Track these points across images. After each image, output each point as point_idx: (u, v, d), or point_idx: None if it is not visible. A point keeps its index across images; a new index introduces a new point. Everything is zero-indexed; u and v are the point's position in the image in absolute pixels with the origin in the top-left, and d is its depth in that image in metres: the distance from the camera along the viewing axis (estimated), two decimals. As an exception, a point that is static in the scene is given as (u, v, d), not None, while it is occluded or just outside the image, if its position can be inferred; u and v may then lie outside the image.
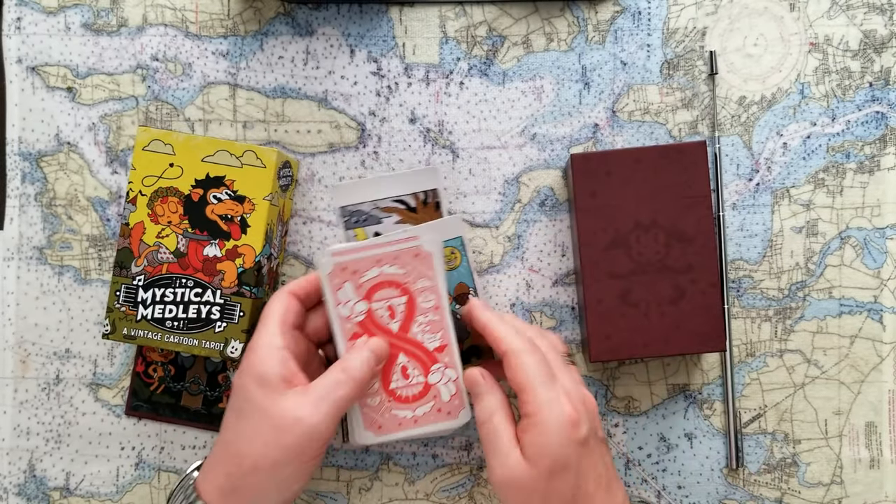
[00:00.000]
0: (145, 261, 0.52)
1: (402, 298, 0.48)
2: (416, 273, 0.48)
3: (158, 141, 0.52)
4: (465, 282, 0.49)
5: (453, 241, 0.49)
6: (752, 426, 0.56)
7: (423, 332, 0.49)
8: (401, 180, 0.48)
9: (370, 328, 0.48)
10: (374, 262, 0.48)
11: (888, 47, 0.56)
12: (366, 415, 0.49)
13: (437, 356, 0.49)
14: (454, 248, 0.49)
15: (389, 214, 0.49)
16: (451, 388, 0.49)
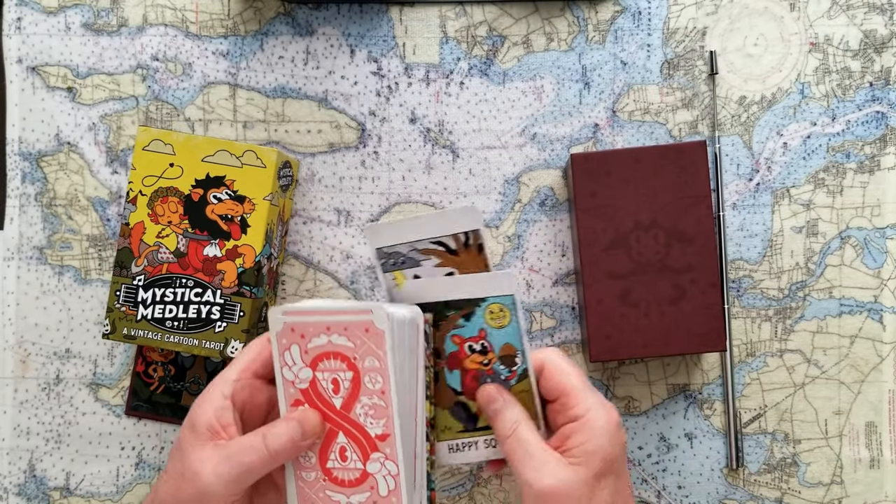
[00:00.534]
0: (145, 261, 0.52)
1: (349, 374, 0.43)
2: (365, 349, 0.43)
3: (158, 141, 0.52)
4: (513, 343, 0.44)
5: (504, 298, 0.44)
6: (753, 426, 0.56)
7: (366, 415, 0.43)
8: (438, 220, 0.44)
9: (312, 398, 0.44)
10: (324, 328, 0.43)
11: (888, 47, 0.56)
12: (300, 489, 0.44)
13: (378, 444, 0.43)
14: (503, 306, 0.44)
15: (428, 257, 0.45)
16: (391, 483, 0.43)
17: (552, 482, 0.40)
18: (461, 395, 0.46)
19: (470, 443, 0.46)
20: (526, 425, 0.43)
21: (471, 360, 0.45)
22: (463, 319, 0.44)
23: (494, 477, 0.56)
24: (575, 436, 0.42)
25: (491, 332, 0.44)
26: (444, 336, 0.45)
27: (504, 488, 0.56)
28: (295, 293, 0.57)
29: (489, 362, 0.45)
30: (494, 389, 0.45)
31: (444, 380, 0.45)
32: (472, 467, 0.56)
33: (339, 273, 0.57)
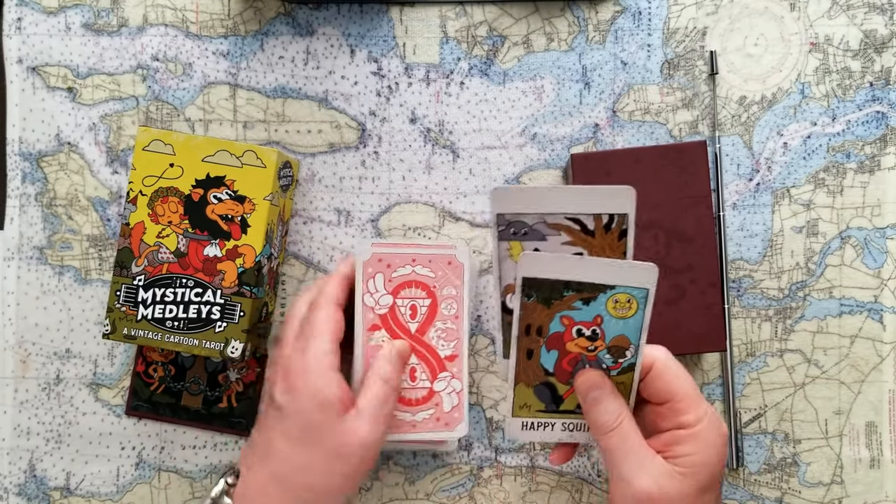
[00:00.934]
0: (145, 261, 0.52)
1: (427, 301, 0.49)
2: (445, 280, 0.49)
3: (159, 141, 0.52)
4: (630, 336, 0.41)
5: (637, 290, 0.40)
6: (753, 426, 0.56)
7: (439, 338, 0.49)
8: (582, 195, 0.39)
9: (389, 323, 0.48)
10: (410, 259, 0.48)
11: (888, 47, 0.56)
12: None
13: (446, 364, 0.49)
14: (632, 297, 0.40)
15: (557, 232, 0.40)
16: (454, 399, 0.49)
17: (653, 486, 0.39)
18: (551, 375, 0.44)
19: (547, 423, 0.45)
20: (630, 420, 0.41)
21: (576, 343, 0.42)
22: (581, 302, 0.41)
23: (494, 477, 0.56)
24: (684, 444, 0.40)
25: (608, 321, 0.41)
26: (552, 314, 0.41)
27: (504, 488, 0.56)
28: (295, 293, 0.57)
29: (595, 349, 0.42)
30: (599, 376, 0.42)
31: (538, 357, 0.43)
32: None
33: (340, 273, 0.57)
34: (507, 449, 0.56)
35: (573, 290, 0.40)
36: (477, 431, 0.56)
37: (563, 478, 0.56)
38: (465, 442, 0.56)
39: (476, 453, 0.56)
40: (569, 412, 0.44)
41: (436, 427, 0.49)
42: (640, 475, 0.39)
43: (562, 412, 0.44)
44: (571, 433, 0.45)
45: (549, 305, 0.41)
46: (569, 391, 0.44)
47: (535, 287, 0.40)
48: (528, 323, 0.42)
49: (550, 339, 0.42)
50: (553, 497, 0.56)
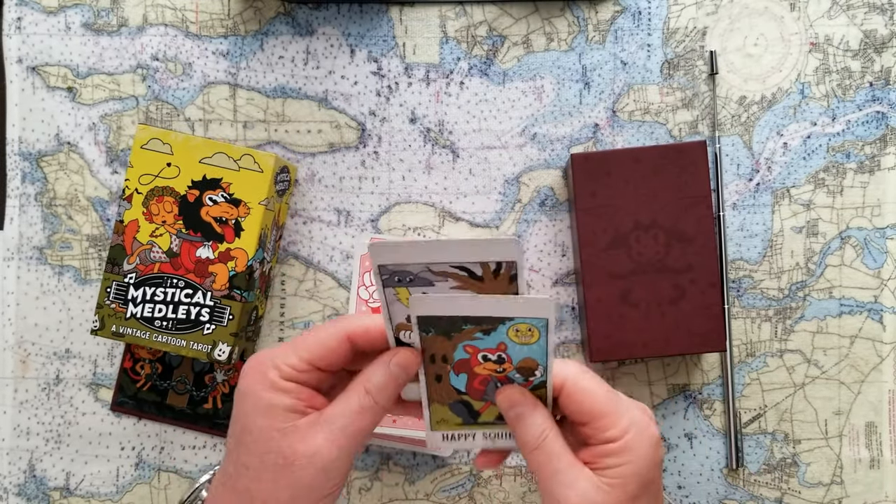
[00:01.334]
0: (137, 259, 0.52)
1: None
2: None
3: (157, 140, 0.52)
4: (537, 359, 0.40)
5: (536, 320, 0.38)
6: (752, 426, 0.56)
7: None
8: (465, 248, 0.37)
9: None
10: None
11: (888, 47, 0.56)
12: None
13: None
14: (533, 327, 0.39)
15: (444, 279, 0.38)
16: None
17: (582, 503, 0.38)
18: (464, 394, 0.43)
19: (468, 434, 0.44)
20: (554, 435, 0.39)
21: (483, 367, 0.41)
22: (481, 333, 0.40)
23: (494, 477, 0.56)
24: (612, 457, 0.38)
25: (512, 346, 0.40)
26: (454, 345, 0.40)
27: (504, 488, 0.56)
28: (295, 293, 0.57)
29: (504, 370, 0.41)
30: (518, 393, 0.40)
31: (448, 380, 0.42)
32: (473, 468, 0.56)
33: (339, 273, 0.57)
34: (507, 449, 0.56)
35: (472, 324, 0.39)
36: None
37: (563, 478, 0.56)
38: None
39: (476, 453, 0.56)
40: (488, 423, 0.43)
41: (417, 426, 0.49)
42: (568, 493, 0.38)
43: (481, 423, 0.43)
44: (494, 441, 0.43)
45: (450, 338, 0.40)
46: (485, 406, 0.42)
47: (431, 323, 0.39)
48: (431, 353, 0.40)
49: (457, 364, 0.41)
50: (553, 497, 0.56)
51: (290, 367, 0.38)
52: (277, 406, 0.37)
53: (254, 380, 0.38)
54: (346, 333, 0.39)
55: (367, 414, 0.38)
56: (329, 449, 0.37)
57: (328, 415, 0.38)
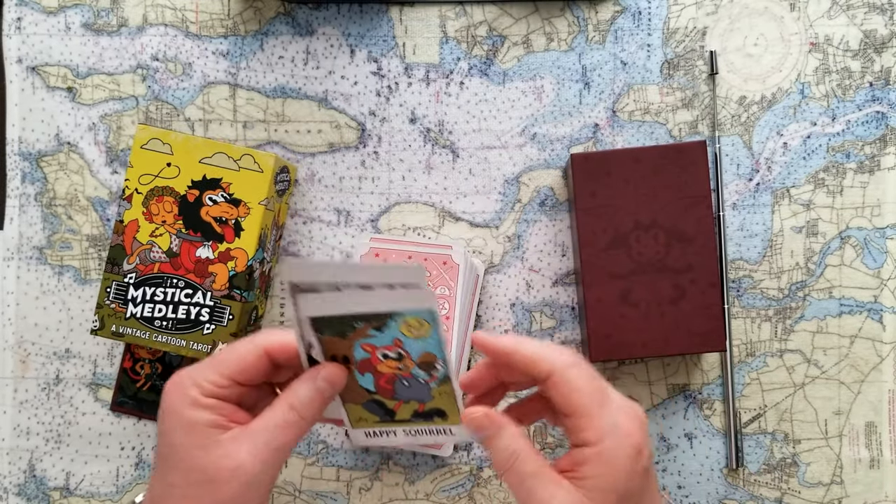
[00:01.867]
0: (137, 259, 0.52)
1: None
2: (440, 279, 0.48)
3: (157, 140, 0.52)
4: (434, 352, 0.39)
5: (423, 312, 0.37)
6: (752, 426, 0.56)
7: None
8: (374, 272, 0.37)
9: None
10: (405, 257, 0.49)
11: (888, 47, 0.56)
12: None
13: None
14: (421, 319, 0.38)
15: None
16: None
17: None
18: (374, 394, 0.42)
19: (388, 431, 0.43)
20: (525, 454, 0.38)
21: (385, 364, 0.40)
22: (374, 330, 0.39)
23: (494, 477, 0.56)
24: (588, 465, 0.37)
25: (407, 342, 0.39)
26: (351, 344, 0.40)
27: (504, 488, 0.56)
28: (295, 293, 0.57)
29: (406, 367, 0.40)
30: (482, 415, 0.39)
31: (356, 381, 0.41)
32: (472, 468, 0.56)
33: (339, 273, 0.57)
34: (507, 449, 0.56)
35: (362, 322, 0.38)
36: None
37: (563, 478, 0.56)
38: (464, 443, 0.56)
39: (476, 453, 0.56)
40: (405, 421, 0.42)
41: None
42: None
43: (398, 421, 0.42)
44: (417, 437, 0.42)
45: (345, 337, 0.39)
46: (398, 404, 0.42)
47: (324, 325, 0.38)
48: (332, 354, 0.40)
49: (360, 364, 0.40)
50: (553, 497, 0.56)
51: (210, 383, 0.37)
52: (198, 423, 0.37)
53: (175, 398, 0.37)
54: (264, 348, 0.38)
55: (292, 429, 0.38)
56: (252, 463, 0.36)
57: (252, 429, 0.37)
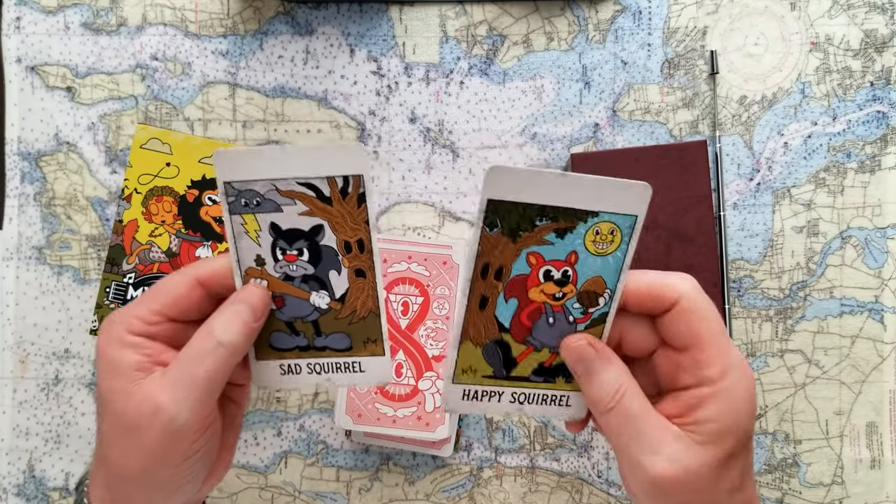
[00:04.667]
0: (137, 259, 0.52)
1: (419, 299, 0.49)
2: (440, 279, 0.49)
3: (156, 139, 0.52)
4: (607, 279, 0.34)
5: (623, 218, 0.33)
6: (753, 426, 0.56)
7: (428, 337, 0.49)
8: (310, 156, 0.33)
9: None
10: (405, 256, 0.49)
11: (889, 46, 0.56)
12: (350, 399, 0.49)
13: (433, 364, 0.49)
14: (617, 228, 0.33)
15: (292, 201, 0.35)
16: (437, 400, 0.49)
17: (671, 468, 0.32)
18: (506, 331, 0.35)
19: (493, 392, 0.37)
20: (633, 392, 0.34)
21: (541, 289, 0.34)
22: (554, 235, 0.33)
23: (494, 477, 0.56)
24: (706, 406, 0.33)
25: (584, 259, 0.34)
26: (518, 250, 0.34)
27: (504, 488, 0.56)
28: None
29: (564, 296, 0.34)
30: (586, 343, 0.35)
31: (494, 307, 0.35)
32: (473, 469, 0.56)
33: (339, 273, 0.57)
34: (507, 449, 0.56)
35: (548, 219, 0.33)
36: (477, 432, 0.56)
37: (563, 478, 0.56)
38: (464, 443, 0.56)
39: (476, 454, 0.56)
40: (520, 379, 0.36)
41: (416, 426, 0.49)
42: (654, 458, 0.32)
43: (512, 379, 0.36)
44: (521, 406, 0.37)
45: (517, 239, 0.33)
46: (523, 353, 0.36)
47: (502, 214, 0.32)
48: (486, 261, 0.34)
49: (511, 283, 0.34)
50: (553, 497, 0.56)
51: (138, 318, 0.34)
52: (122, 364, 0.34)
53: (103, 339, 0.34)
54: (195, 277, 0.35)
55: (209, 358, 0.33)
56: (170, 403, 0.32)
57: (170, 368, 0.34)
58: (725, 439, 0.33)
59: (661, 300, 0.34)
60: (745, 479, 0.34)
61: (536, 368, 0.36)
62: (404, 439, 0.53)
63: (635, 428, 0.33)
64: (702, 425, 0.33)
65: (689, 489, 0.32)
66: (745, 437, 0.33)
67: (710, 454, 0.32)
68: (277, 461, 0.56)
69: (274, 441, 0.56)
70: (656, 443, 0.33)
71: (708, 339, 0.33)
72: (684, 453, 0.32)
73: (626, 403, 0.33)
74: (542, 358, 0.36)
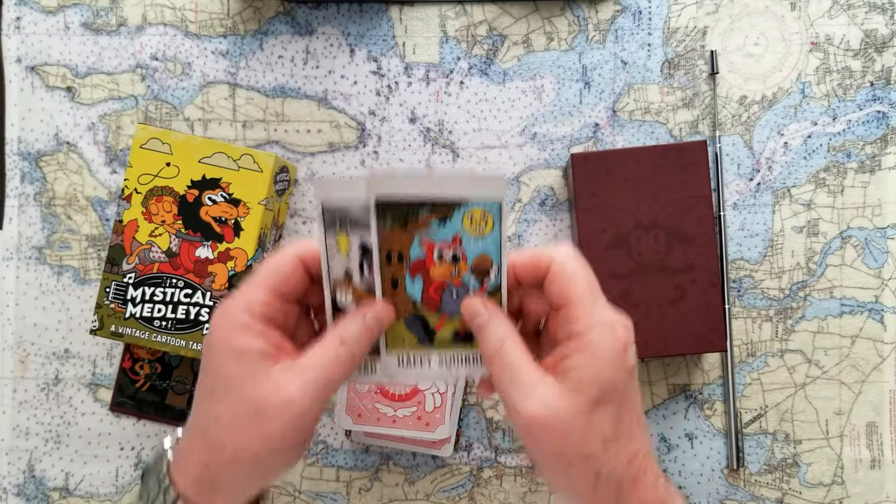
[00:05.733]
0: (137, 259, 0.52)
1: None
2: None
3: (156, 139, 0.52)
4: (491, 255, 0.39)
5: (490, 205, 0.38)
6: (753, 426, 0.56)
7: None
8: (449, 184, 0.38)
9: None
10: None
11: (889, 46, 0.56)
12: (350, 399, 0.49)
13: None
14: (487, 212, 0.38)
15: None
16: (437, 400, 0.49)
17: (541, 410, 0.36)
18: (421, 305, 0.41)
19: (423, 357, 0.42)
20: (513, 343, 0.38)
21: (439, 268, 0.40)
22: (437, 222, 0.39)
23: (494, 477, 0.56)
24: (572, 357, 0.37)
25: (467, 240, 0.39)
26: (411, 236, 0.39)
27: (504, 488, 0.56)
28: (294, 293, 0.57)
29: (459, 273, 0.40)
30: (478, 302, 0.39)
31: (404, 286, 0.40)
32: (472, 469, 0.56)
33: (339, 273, 0.57)
34: (507, 449, 0.56)
35: (428, 210, 0.38)
36: (477, 432, 0.56)
37: (563, 478, 0.56)
38: (464, 443, 0.56)
39: (476, 454, 0.56)
40: (444, 344, 0.41)
41: (416, 426, 0.49)
42: (526, 401, 0.36)
43: (437, 345, 0.41)
44: (450, 368, 0.41)
45: (406, 227, 0.39)
46: (439, 322, 0.40)
47: (389, 210, 0.38)
48: (388, 249, 0.39)
49: (413, 265, 0.40)
50: (553, 497, 0.56)
51: (258, 304, 0.37)
52: (249, 351, 0.36)
53: (224, 327, 0.37)
54: (298, 255, 0.38)
55: (341, 366, 0.37)
56: (302, 399, 0.36)
57: (302, 364, 0.37)
58: (589, 388, 0.36)
59: (539, 267, 0.38)
60: (621, 431, 0.37)
61: (454, 334, 0.41)
62: (404, 439, 0.53)
63: (514, 375, 0.37)
64: (569, 373, 0.36)
65: (559, 434, 0.36)
66: (611, 388, 0.36)
67: (576, 400, 0.36)
68: (277, 461, 0.56)
69: (274, 441, 0.56)
70: (531, 388, 0.36)
71: (576, 298, 0.37)
72: (553, 398, 0.36)
73: (506, 352, 0.37)
74: (455, 325, 0.41)
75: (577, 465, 0.36)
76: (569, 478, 0.37)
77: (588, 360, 0.36)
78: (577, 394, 0.36)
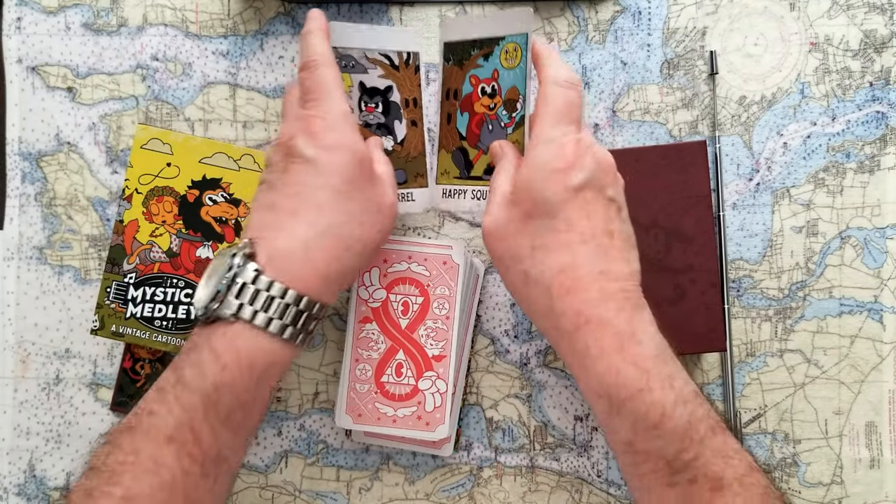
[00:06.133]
0: (137, 259, 0.52)
1: (419, 299, 0.50)
2: (440, 279, 0.50)
3: (157, 140, 0.52)
4: (518, 86, 0.45)
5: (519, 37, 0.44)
6: (753, 426, 0.56)
7: (428, 337, 0.50)
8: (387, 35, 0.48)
9: (381, 317, 0.50)
10: (406, 256, 0.50)
11: (888, 47, 0.56)
12: (350, 398, 0.50)
13: (433, 364, 0.50)
14: (518, 45, 0.44)
15: (375, 66, 0.49)
16: (437, 400, 0.50)
17: (488, 221, 0.42)
18: (463, 139, 0.48)
19: (461, 190, 0.49)
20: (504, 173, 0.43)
21: (481, 102, 0.47)
22: (482, 59, 0.46)
23: (494, 477, 0.56)
24: (518, 172, 0.42)
25: (502, 74, 0.45)
26: (464, 75, 0.47)
27: (504, 488, 0.56)
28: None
29: (495, 106, 0.46)
30: (499, 144, 0.45)
31: (455, 121, 0.48)
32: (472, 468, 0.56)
33: (339, 273, 0.57)
34: (507, 449, 0.56)
35: (477, 49, 0.46)
36: (477, 432, 0.56)
37: (563, 478, 0.56)
38: (464, 443, 0.56)
39: (476, 453, 0.56)
40: (476, 179, 0.48)
41: (416, 426, 0.50)
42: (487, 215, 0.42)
43: (472, 178, 0.48)
44: (479, 202, 0.48)
45: (462, 66, 0.47)
46: (477, 156, 0.48)
47: (452, 50, 0.47)
48: (447, 87, 0.48)
49: (464, 100, 0.47)
50: (553, 497, 0.56)
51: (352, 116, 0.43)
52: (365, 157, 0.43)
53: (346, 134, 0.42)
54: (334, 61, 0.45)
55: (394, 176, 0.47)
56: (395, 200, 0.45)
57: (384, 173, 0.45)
58: (524, 200, 0.40)
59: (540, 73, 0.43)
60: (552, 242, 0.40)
61: (487, 168, 0.47)
62: (404, 439, 0.53)
63: (491, 195, 0.43)
64: (513, 188, 0.41)
65: (497, 237, 0.41)
66: (543, 202, 0.40)
67: (512, 211, 0.41)
68: (278, 461, 0.56)
69: (274, 441, 0.56)
70: (492, 206, 0.42)
71: (536, 117, 0.41)
72: (497, 210, 0.41)
73: (496, 180, 0.43)
74: (488, 160, 0.47)
75: (511, 267, 0.41)
76: (508, 278, 0.43)
77: (525, 175, 0.41)
78: (513, 206, 0.41)
